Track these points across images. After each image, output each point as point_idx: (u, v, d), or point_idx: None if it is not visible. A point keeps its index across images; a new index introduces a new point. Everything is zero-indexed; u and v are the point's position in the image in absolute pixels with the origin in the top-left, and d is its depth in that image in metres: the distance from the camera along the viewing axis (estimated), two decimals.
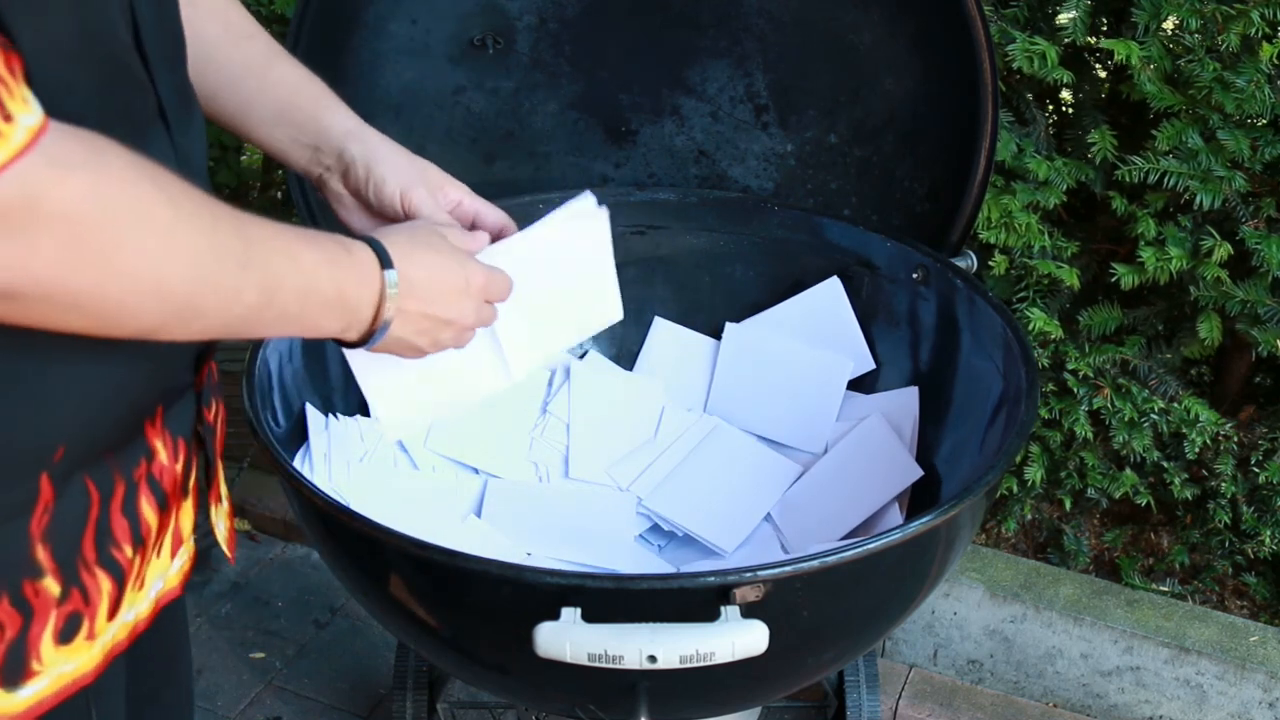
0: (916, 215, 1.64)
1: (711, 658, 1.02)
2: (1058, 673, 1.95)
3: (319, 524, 1.22)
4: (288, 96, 1.11)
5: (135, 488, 0.86)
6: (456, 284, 1.00)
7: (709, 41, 1.63)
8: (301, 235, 0.86)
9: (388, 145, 1.14)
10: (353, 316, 0.92)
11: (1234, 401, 2.02)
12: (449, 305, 1.00)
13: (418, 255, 0.97)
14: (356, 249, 0.92)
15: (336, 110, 1.13)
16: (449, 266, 1.00)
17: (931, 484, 1.48)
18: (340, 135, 1.12)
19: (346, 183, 1.13)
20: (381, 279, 0.93)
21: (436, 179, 1.15)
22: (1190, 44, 1.69)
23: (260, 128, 1.12)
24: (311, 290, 0.86)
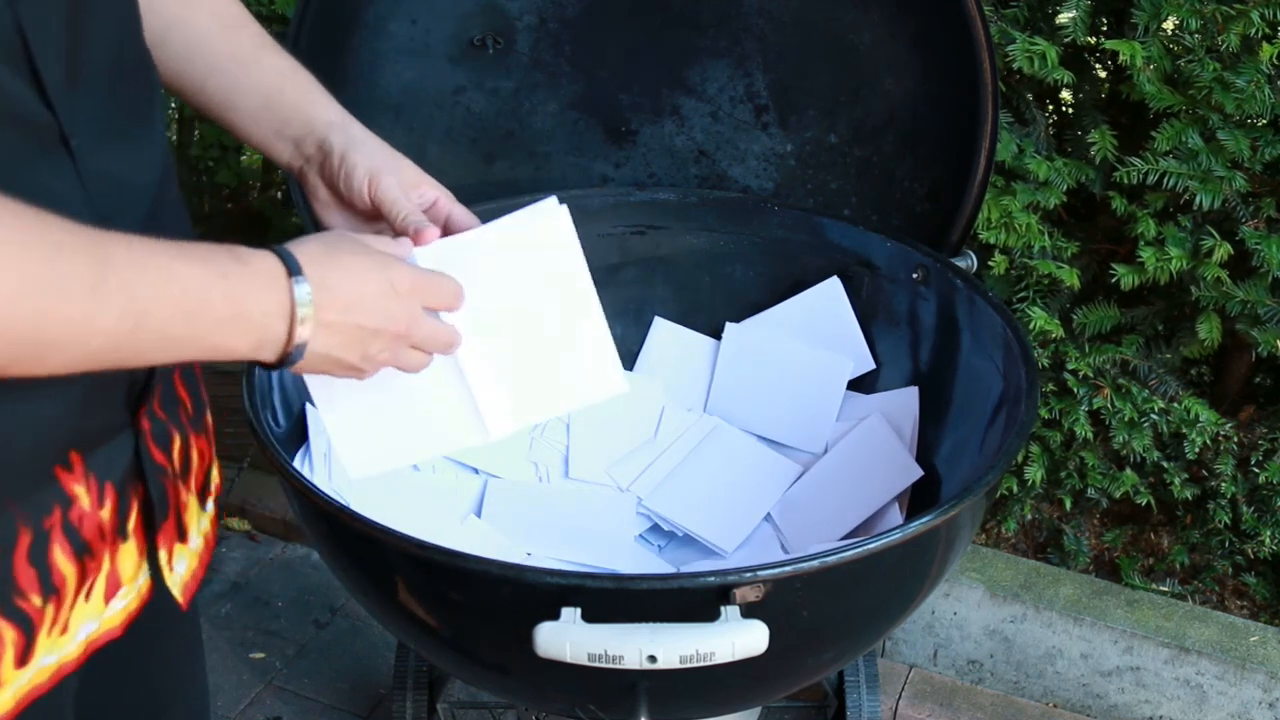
0: (916, 215, 1.64)
1: (711, 658, 1.02)
2: (1058, 673, 1.95)
3: (319, 524, 1.22)
4: (274, 87, 1.08)
5: (46, 536, 0.82)
6: (379, 286, 0.90)
7: (709, 41, 1.63)
8: (185, 252, 0.79)
9: (368, 136, 1.09)
10: (262, 333, 0.84)
11: (1234, 401, 2.02)
12: (374, 311, 0.90)
13: (332, 259, 0.88)
14: (255, 259, 0.84)
15: (323, 102, 1.10)
16: (368, 268, 0.90)
17: (931, 484, 1.48)
18: (324, 126, 1.08)
19: (323, 174, 1.09)
20: (290, 289, 0.84)
21: (411, 175, 1.09)
22: (1190, 44, 1.69)
23: (245, 118, 1.08)
24: (198, 309, 0.79)
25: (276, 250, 0.86)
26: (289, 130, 1.08)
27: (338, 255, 0.89)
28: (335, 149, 1.07)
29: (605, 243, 1.67)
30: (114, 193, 0.84)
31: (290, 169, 1.11)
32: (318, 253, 0.88)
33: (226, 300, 0.80)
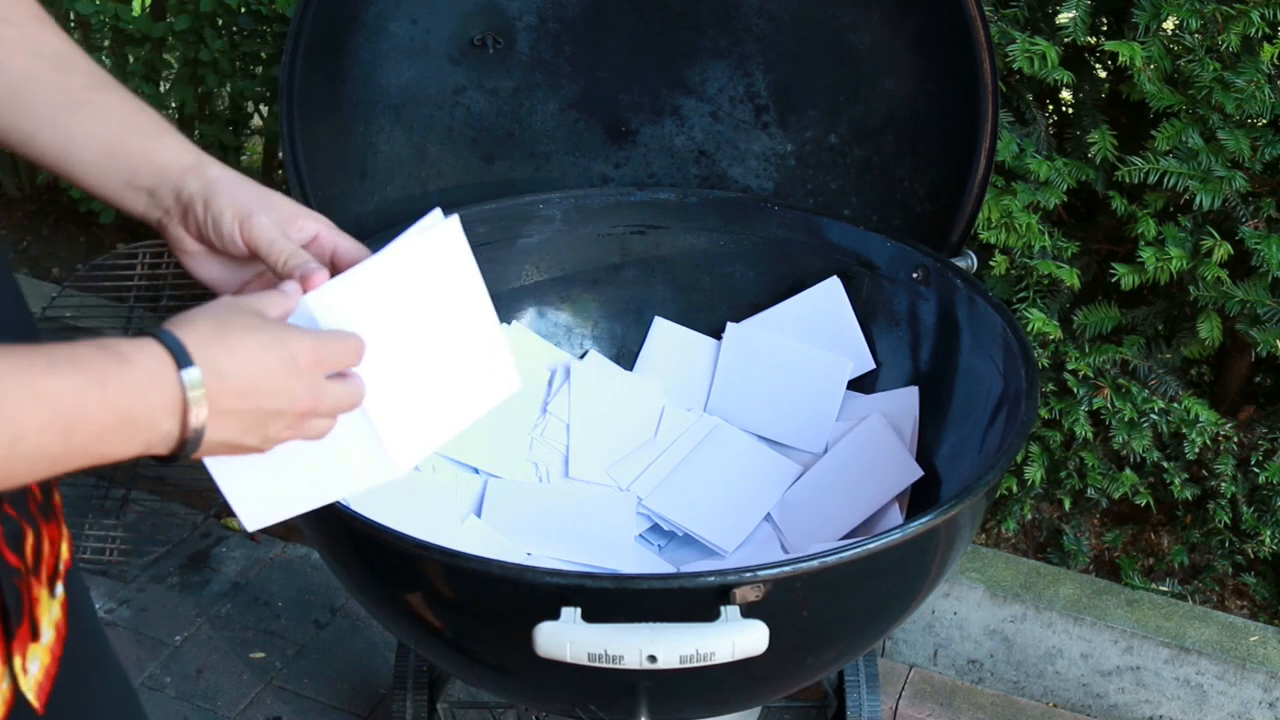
0: (916, 215, 1.64)
1: (711, 658, 1.02)
2: (1058, 673, 1.95)
3: (319, 524, 1.22)
4: (115, 133, 0.96)
5: None
6: (278, 365, 0.83)
7: (709, 41, 1.63)
8: (52, 361, 0.72)
9: (230, 177, 0.98)
10: (151, 434, 0.77)
11: (1234, 401, 2.02)
12: (275, 392, 0.83)
13: (223, 341, 0.80)
14: (138, 354, 0.76)
15: (173, 145, 0.98)
16: (265, 346, 0.82)
17: (931, 484, 1.48)
18: (178, 172, 0.96)
19: (187, 226, 0.97)
20: (179, 381, 0.77)
21: (286, 209, 0.98)
22: (1190, 44, 1.69)
23: (88, 171, 0.96)
24: (76, 424, 0.72)
25: (161, 337, 0.78)
26: (139, 180, 0.97)
27: (229, 334, 0.81)
28: (195, 196, 0.96)
29: (605, 243, 1.67)
30: None
31: (148, 221, 0.99)
32: (207, 334, 0.80)
33: (106, 409, 0.74)
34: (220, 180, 0.97)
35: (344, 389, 0.88)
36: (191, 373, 0.78)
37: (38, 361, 0.71)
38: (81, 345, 0.75)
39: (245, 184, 0.98)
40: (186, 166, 0.97)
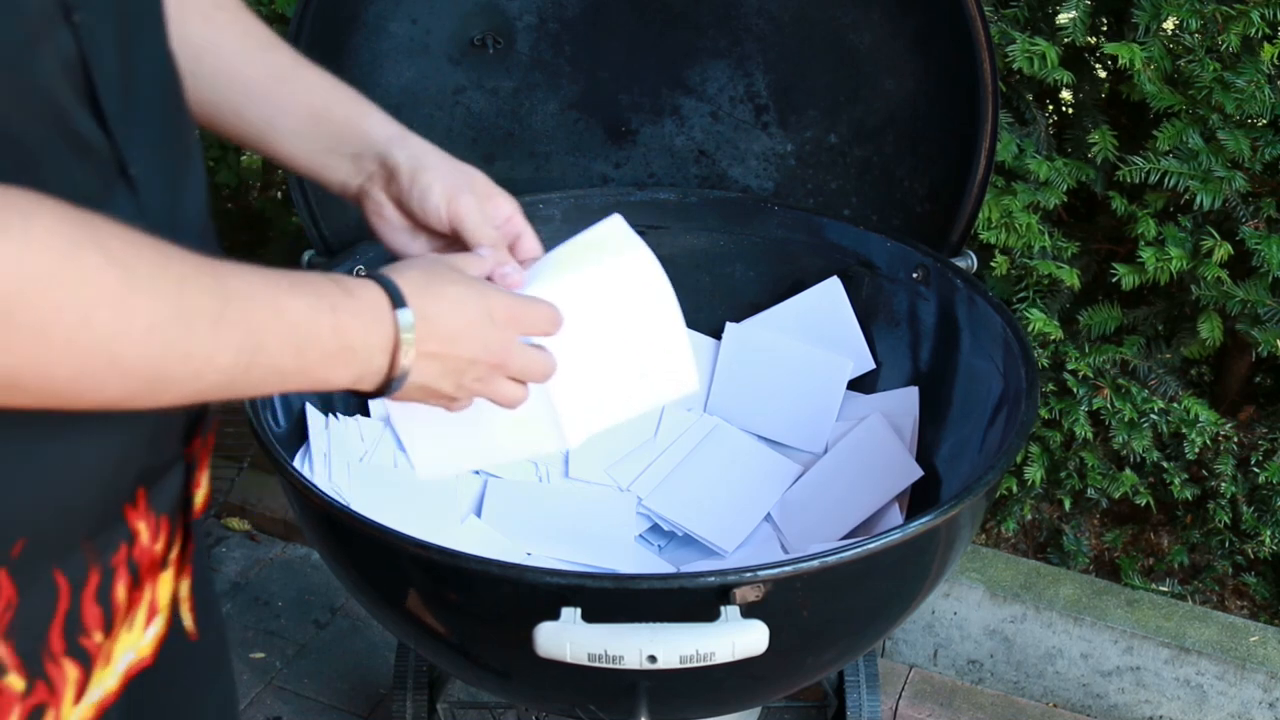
0: (916, 215, 1.64)
1: (711, 658, 1.02)
2: (1058, 673, 1.95)
3: (319, 524, 1.22)
4: (320, 104, 1.02)
5: (112, 574, 0.80)
6: (478, 315, 0.89)
7: (709, 41, 1.63)
8: (293, 283, 0.77)
9: (432, 150, 1.04)
10: (365, 366, 0.82)
11: (1234, 401, 2.02)
12: (473, 339, 0.88)
13: (433, 289, 0.86)
14: (361, 290, 0.82)
15: (376, 115, 1.04)
16: (466, 297, 0.88)
17: (931, 484, 1.48)
18: (383, 140, 1.02)
19: (389, 191, 1.03)
20: (394, 320, 0.83)
21: (484, 187, 1.05)
22: (1190, 44, 1.69)
23: (291, 141, 1.02)
24: (308, 343, 0.77)
25: (380, 280, 0.84)
26: (344, 147, 1.02)
27: (438, 284, 0.87)
28: (402, 166, 1.02)
29: None
30: (171, 228, 0.80)
31: (346, 189, 1.05)
32: (419, 282, 0.85)
33: (335, 334, 0.78)
34: (427, 154, 1.03)
35: (535, 355, 0.94)
36: (405, 314, 0.83)
37: (281, 281, 0.75)
38: (313, 274, 0.80)
39: (447, 159, 1.04)
40: (390, 136, 1.02)
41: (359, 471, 1.44)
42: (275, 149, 1.02)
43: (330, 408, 1.49)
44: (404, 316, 0.83)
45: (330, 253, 1.57)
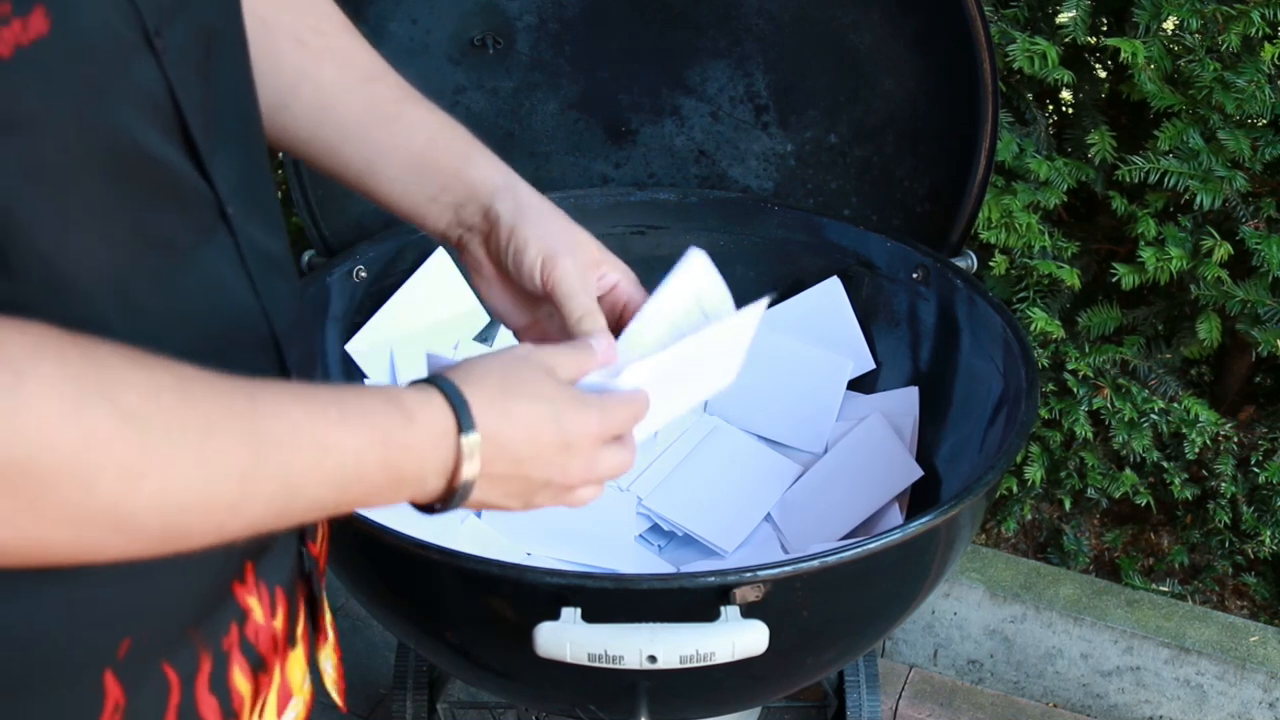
0: (916, 215, 1.64)
1: (711, 658, 1.02)
2: (1058, 673, 1.95)
3: None
4: (424, 147, 0.93)
5: (225, 659, 0.74)
6: (555, 439, 0.78)
7: (709, 41, 1.63)
8: (344, 412, 0.67)
9: (539, 203, 0.93)
10: (417, 489, 0.74)
11: (1234, 401, 2.02)
12: (546, 463, 0.79)
13: (510, 404, 0.76)
14: (423, 411, 0.71)
15: (484, 162, 0.94)
16: (544, 419, 0.77)
17: (931, 484, 1.48)
18: (489, 191, 0.92)
19: (488, 247, 0.93)
20: (457, 446, 0.73)
21: (592, 253, 0.94)
22: (1191, 44, 1.69)
23: (392, 184, 0.93)
24: (354, 480, 0.69)
25: (446, 392, 0.73)
26: (446, 196, 0.93)
27: (514, 399, 0.76)
28: (503, 219, 0.91)
29: (605, 243, 1.66)
30: (267, 269, 0.74)
31: (447, 239, 0.95)
32: (494, 393, 0.75)
33: (384, 468, 0.70)
34: (530, 207, 0.92)
35: (617, 458, 0.84)
36: (471, 439, 0.73)
37: (330, 412, 0.67)
38: (369, 395, 0.70)
39: (556, 217, 0.93)
40: (497, 187, 0.92)
41: None
42: (374, 191, 0.94)
43: None
44: (469, 441, 0.73)
45: (330, 253, 1.57)
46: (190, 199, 0.68)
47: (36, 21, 0.56)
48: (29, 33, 0.56)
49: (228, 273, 0.71)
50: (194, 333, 0.69)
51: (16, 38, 0.55)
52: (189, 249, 0.68)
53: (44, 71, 0.57)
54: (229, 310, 0.72)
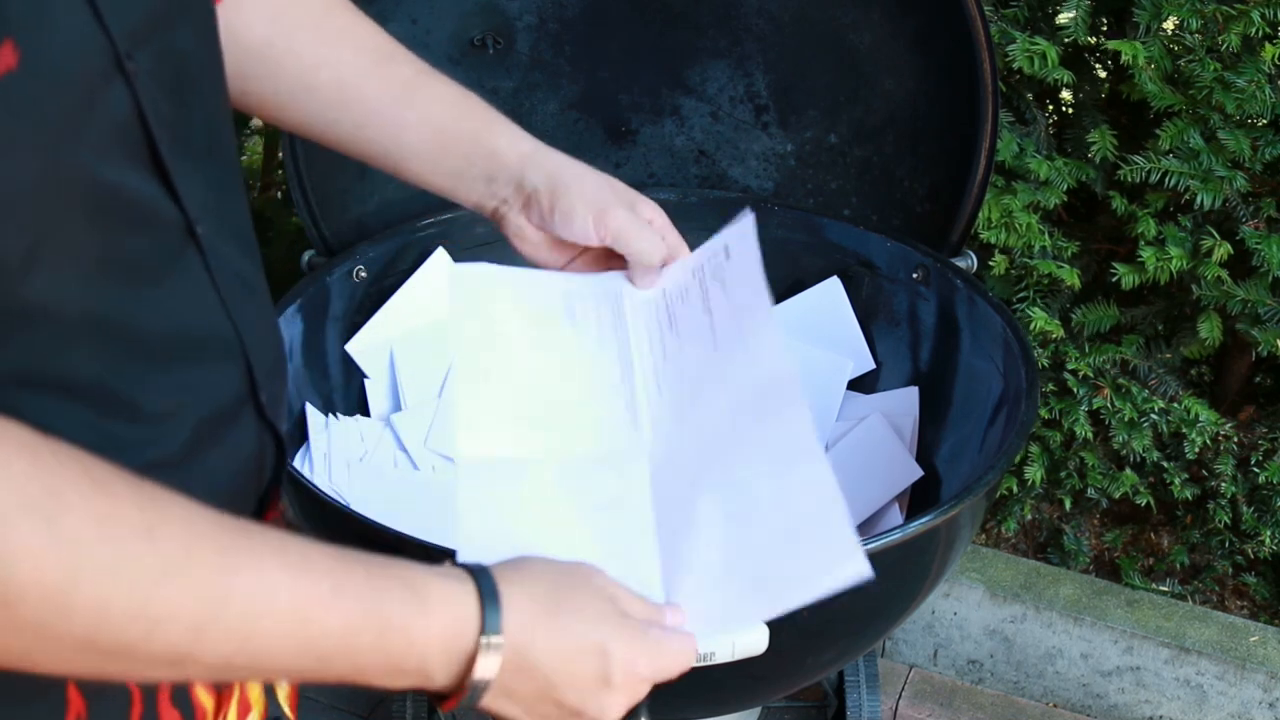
0: (916, 215, 1.64)
1: (711, 658, 1.02)
2: (1058, 673, 1.95)
3: (319, 524, 1.22)
4: (447, 122, 0.94)
5: None
6: (596, 672, 0.71)
7: (709, 41, 1.63)
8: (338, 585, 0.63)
9: (570, 166, 0.97)
10: (418, 680, 0.68)
11: (1234, 401, 2.02)
12: (580, 695, 0.72)
13: (553, 621, 0.69)
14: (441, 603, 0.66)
15: (507, 132, 0.96)
16: (589, 648, 0.70)
17: (931, 484, 1.48)
18: (515, 162, 0.94)
19: (529, 216, 0.95)
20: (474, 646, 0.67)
21: (628, 197, 0.97)
22: (1191, 44, 1.69)
23: (419, 162, 0.95)
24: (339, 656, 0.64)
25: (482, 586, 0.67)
26: (474, 170, 0.95)
27: (559, 616, 0.70)
28: (540, 189, 0.94)
29: None
30: (238, 288, 0.73)
31: (482, 210, 0.97)
32: (537, 604, 0.69)
33: (379, 653, 0.65)
34: (562, 171, 0.95)
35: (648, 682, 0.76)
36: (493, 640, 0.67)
37: (323, 583, 0.62)
38: (385, 571, 0.65)
39: (586, 174, 0.96)
40: (524, 155, 0.95)
41: (359, 471, 1.44)
42: (403, 171, 0.95)
43: (330, 408, 1.49)
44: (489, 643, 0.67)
45: (330, 252, 1.57)
46: (158, 223, 0.66)
47: (5, 55, 0.54)
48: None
49: (197, 293, 0.70)
50: (164, 351, 0.68)
51: None
52: (158, 272, 0.67)
53: (12, 107, 0.55)
54: (199, 330, 0.71)
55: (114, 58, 0.61)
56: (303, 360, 1.46)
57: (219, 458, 0.72)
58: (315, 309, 1.49)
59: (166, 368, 0.67)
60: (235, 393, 0.73)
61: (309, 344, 1.47)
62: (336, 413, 1.48)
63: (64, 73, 0.58)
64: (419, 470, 1.50)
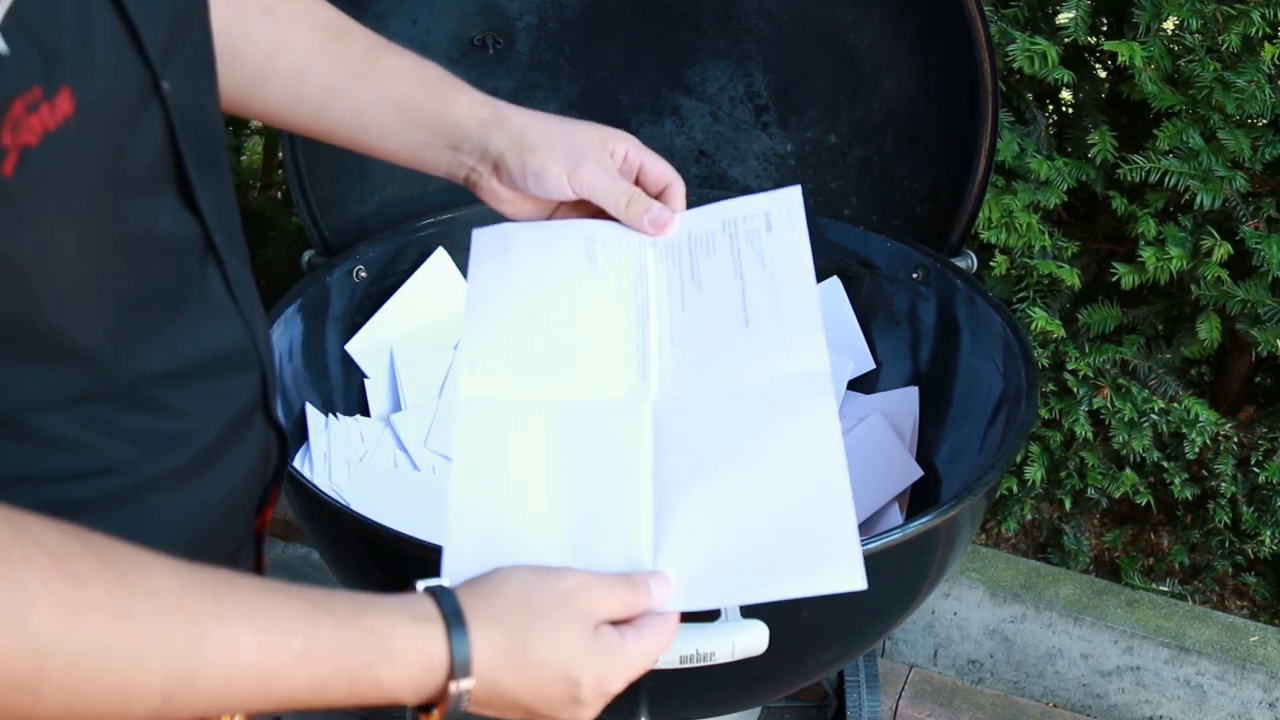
0: (916, 215, 1.64)
1: (711, 658, 1.02)
2: (1058, 673, 1.95)
3: (319, 524, 1.22)
4: (403, 94, 0.93)
5: None
6: (564, 695, 0.72)
7: (709, 41, 1.63)
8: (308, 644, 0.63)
9: (535, 123, 0.94)
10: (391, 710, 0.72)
11: (1234, 401, 2.02)
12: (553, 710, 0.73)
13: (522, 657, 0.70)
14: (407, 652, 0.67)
15: (464, 97, 0.95)
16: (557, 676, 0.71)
17: (931, 484, 1.48)
18: (477, 129, 0.93)
19: (500, 179, 0.95)
20: (444, 686, 0.68)
21: (595, 138, 0.95)
22: (1191, 44, 1.69)
23: (382, 136, 0.94)
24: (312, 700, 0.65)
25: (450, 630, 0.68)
26: (436, 140, 0.94)
27: (528, 651, 0.70)
28: (506, 154, 0.93)
29: None
30: (248, 294, 0.73)
31: (453, 178, 0.97)
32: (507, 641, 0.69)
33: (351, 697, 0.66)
34: (527, 131, 0.93)
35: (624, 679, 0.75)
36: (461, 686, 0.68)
37: (293, 644, 0.63)
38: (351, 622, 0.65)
39: (549, 127, 0.94)
40: (484, 121, 0.94)
41: (359, 471, 1.44)
42: (367, 145, 0.95)
43: (330, 408, 1.49)
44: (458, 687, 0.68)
45: (330, 252, 1.57)
46: (184, 246, 0.67)
47: (63, 103, 0.55)
48: (56, 116, 0.55)
49: (220, 310, 0.71)
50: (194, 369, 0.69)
51: (45, 124, 0.54)
52: (186, 297, 0.68)
53: (68, 154, 0.56)
54: (224, 345, 0.72)
55: (151, 82, 0.62)
56: (303, 360, 1.46)
57: (237, 458, 0.74)
58: (315, 309, 1.49)
59: (197, 381, 0.69)
60: (252, 397, 0.75)
61: (309, 344, 1.47)
62: (336, 413, 1.48)
63: (114, 110, 0.59)
64: (419, 470, 1.50)
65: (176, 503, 0.70)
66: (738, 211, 0.97)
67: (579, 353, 0.91)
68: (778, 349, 0.88)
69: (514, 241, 0.97)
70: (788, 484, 0.80)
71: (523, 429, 0.85)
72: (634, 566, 0.78)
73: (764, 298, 0.91)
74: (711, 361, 0.89)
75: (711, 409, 0.86)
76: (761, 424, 0.84)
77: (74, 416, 0.63)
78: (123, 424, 0.66)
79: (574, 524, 0.80)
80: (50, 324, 0.59)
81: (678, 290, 0.94)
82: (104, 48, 0.58)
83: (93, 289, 0.61)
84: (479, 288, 0.94)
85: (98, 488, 0.65)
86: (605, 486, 0.83)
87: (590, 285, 0.94)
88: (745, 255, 0.94)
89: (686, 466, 0.83)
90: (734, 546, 0.79)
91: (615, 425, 0.86)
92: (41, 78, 0.54)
